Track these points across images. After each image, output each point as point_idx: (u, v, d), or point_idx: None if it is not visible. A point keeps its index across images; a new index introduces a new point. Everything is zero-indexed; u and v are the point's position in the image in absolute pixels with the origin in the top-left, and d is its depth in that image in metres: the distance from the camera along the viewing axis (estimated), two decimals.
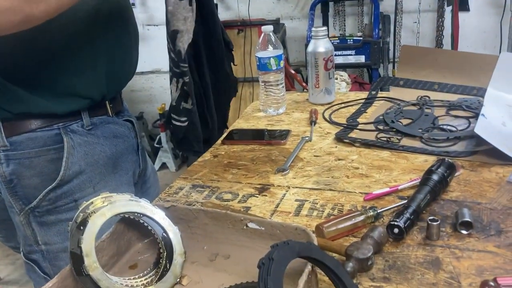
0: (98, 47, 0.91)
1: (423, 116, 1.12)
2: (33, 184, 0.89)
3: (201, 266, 0.69)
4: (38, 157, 0.88)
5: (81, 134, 0.92)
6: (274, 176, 0.95)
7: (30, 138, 0.88)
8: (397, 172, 0.91)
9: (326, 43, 1.28)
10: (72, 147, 0.90)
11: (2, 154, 0.87)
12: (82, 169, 0.92)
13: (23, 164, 0.88)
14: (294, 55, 3.45)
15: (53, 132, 0.89)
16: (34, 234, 0.94)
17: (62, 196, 0.91)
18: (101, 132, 0.96)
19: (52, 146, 0.89)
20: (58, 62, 0.86)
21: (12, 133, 0.87)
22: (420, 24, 3.08)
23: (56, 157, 0.89)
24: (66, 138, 0.90)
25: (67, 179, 0.91)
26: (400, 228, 0.69)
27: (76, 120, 0.92)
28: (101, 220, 0.63)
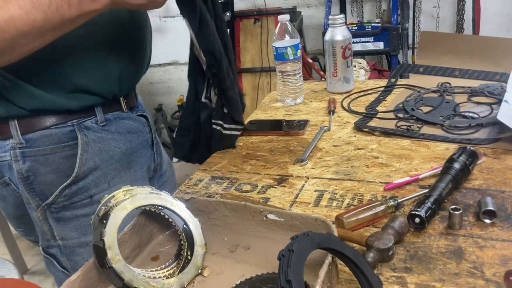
0: (109, 48, 0.91)
1: (444, 103, 1.10)
2: (49, 180, 0.90)
3: (221, 257, 0.70)
4: (53, 154, 0.89)
5: (95, 131, 0.93)
6: (293, 167, 0.95)
7: (45, 135, 0.89)
8: (417, 161, 0.89)
9: (343, 31, 1.26)
10: (86, 143, 0.91)
11: (18, 152, 0.88)
12: (97, 165, 0.93)
13: (39, 161, 0.89)
14: (311, 43, 3.42)
15: (67, 129, 0.90)
16: (51, 229, 0.95)
17: (77, 192, 0.92)
18: (115, 128, 0.97)
19: (66, 143, 0.90)
20: (68, 61, 0.86)
21: (27, 130, 0.88)
22: (440, 8, 3.01)
23: (71, 153, 0.90)
24: (80, 134, 0.90)
25: (82, 176, 0.92)
26: (421, 218, 0.68)
27: (90, 116, 0.93)
28: (122, 213, 0.64)
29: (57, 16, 0.70)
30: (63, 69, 0.86)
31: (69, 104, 0.89)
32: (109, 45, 0.91)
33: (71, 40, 0.82)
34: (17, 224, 1.05)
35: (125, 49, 0.95)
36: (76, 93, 0.89)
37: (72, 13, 0.72)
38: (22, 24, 0.68)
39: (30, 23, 0.69)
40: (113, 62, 0.92)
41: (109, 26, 0.89)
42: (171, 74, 3.84)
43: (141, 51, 1.01)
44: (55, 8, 0.70)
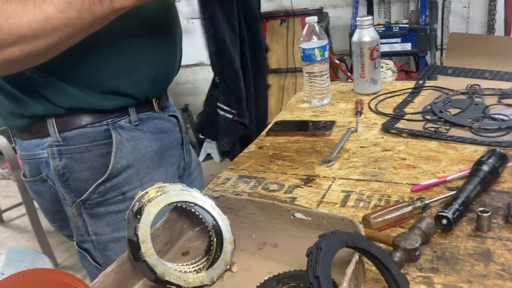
0: (143, 52, 0.94)
1: (473, 105, 1.09)
2: (84, 177, 0.93)
3: (249, 254, 0.71)
4: (88, 152, 0.92)
5: (129, 130, 0.95)
6: (320, 167, 0.96)
7: (81, 133, 0.92)
8: (445, 162, 0.89)
9: (371, 32, 1.26)
10: (120, 142, 0.94)
11: (55, 149, 0.91)
12: (130, 163, 0.95)
13: (75, 158, 0.92)
14: (338, 44, 3.41)
15: (102, 128, 0.93)
16: (85, 225, 0.98)
17: (111, 189, 0.95)
18: (147, 128, 0.99)
19: (101, 141, 0.93)
20: (103, 64, 0.89)
21: (64, 128, 0.91)
22: (470, 8, 2.96)
23: (105, 151, 0.93)
24: (114, 133, 0.93)
25: (115, 173, 0.94)
26: (448, 219, 0.68)
27: (124, 116, 0.95)
28: (155, 209, 0.66)
29: (89, 14, 0.73)
30: (98, 71, 0.89)
31: (104, 104, 0.92)
32: (143, 49, 0.93)
33: (106, 44, 0.85)
34: (52, 219, 1.08)
35: (158, 53, 0.97)
36: (111, 94, 0.92)
37: (104, 11, 0.74)
38: (57, 23, 0.71)
39: (64, 22, 0.72)
40: (147, 66, 0.95)
41: (143, 31, 0.91)
42: (197, 75, 3.89)
43: (173, 54, 1.03)
44: (88, 6, 0.72)
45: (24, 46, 0.72)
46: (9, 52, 0.72)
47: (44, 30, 0.71)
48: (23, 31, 0.70)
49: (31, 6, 0.70)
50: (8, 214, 3.13)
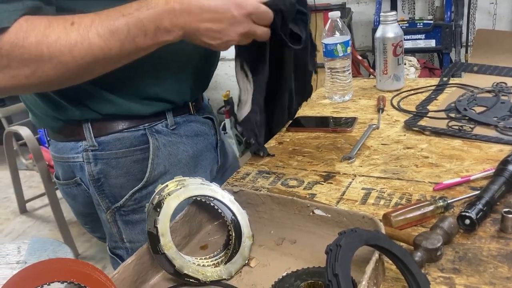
0: (184, 62, 0.93)
1: (498, 104, 1.07)
2: (120, 183, 0.91)
3: (268, 249, 0.71)
4: (125, 158, 0.90)
5: (166, 134, 0.94)
6: (340, 164, 0.95)
7: (118, 138, 0.90)
8: (469, 162, 0.87)
9: (395, 28, 1.24)
10: (157, 147, 0.92)
11: (91, 154, 0.90)
12: (167, 169, 0.94)
13: (110, 164, 0.90)
14: (360, 40, 3.37)
15: (139, 133, 0.91)
16: (120, 232, 0.96)
17: (147, 196, 0.92)
18: (184, 131, 0.97)
19: (138, 147, 0.91)
20: (144, 72, 0.87)
21: (100, 133, 0.89)
22: (497, 5, 2.89)
23: (141, 157, 0.91)
24: (151, 139, 0.91)
25: (152, 180, 0.92)
26: (471, 220, 0.67)
27: (160, 120, 0.94)
28: (175, 203, 0.66)
29: (132, 45, 0.72)
30: (139, 78, 0.88)
31: (142, 110, 0.90)
32: (185, 60, 0.92)
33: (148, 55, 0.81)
34: (84, 221, 1.07)
35: (199, 62, 0.96)
36: (150, 100, 0.91)
37: (147, 43, 0.73)
38: (99, 52, 0.71)
39: (106, 52, 0.71)
40: (186, 72, 0.94)
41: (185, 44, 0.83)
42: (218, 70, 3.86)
43: (212, 61, 1.03)
44: (132, 38, 0.71)
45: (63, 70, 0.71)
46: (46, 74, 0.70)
47: (85, 57, 0.70)
48: (64, 58, 0.69)
49: (75, 33, 0.69)
50: (32, 204, 3.19)
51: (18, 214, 3.15)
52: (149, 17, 0.71)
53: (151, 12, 0.71)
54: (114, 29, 0.70)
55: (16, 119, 2.94)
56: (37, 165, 2.47)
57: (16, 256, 1.28)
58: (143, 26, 0.71)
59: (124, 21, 0.70)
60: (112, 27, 0.70)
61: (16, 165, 2.89)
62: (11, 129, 2.64)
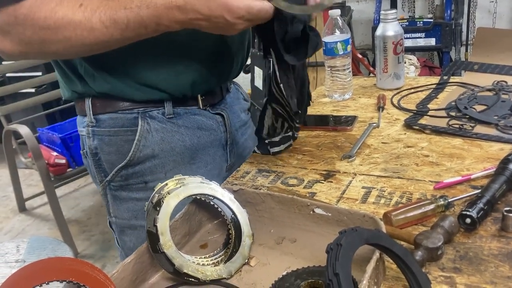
0: (182, 55, 0.92)
1: (499, 102, 1.07)
2: (111, 159, 0.96)
3: (268, 248, 0.71)
4: (116, 136, 0.94)
5: (160, 121, 0.95)
6: (340, 163, 0.94)
7: (112, 118, 0.94)
8: (469, 160, 0.87)
9: (395, 27, 1.24)
10: (147, 131, 0.94)
11: (90, 129, 0.95)
12: (155, 153, 0.95)
13: (104, 140, 0.95)
14: (360, 38, 3.37)
15: (132, 116, 0.94)
16: (108, 205, 1.02)
17: (133, 175, 0.96)
18: (183, 122, 0.97)
19: (129, 128, 0.94)
20: (139, 58, 0.89)
21: (98, 111, 0.94)
22: (497, 3, 2.89)
23: (131, 138, 0.94)
24: (141, 122, 0.94)
25: (137, 160, 0.95)
26: (472, 218, 0.67)
27: (157, 107, 0.95)
28: (174, 201, 0.66)
29: (133, 34, 0.77)
30: (134, 65, 0.90)
31: (135, 95, 0.92)
32: (182, 52, 0.92)
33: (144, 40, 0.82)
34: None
35: (202, 59, 0.95)
36: (144, 87, 0.92)
37: (149, 34, 0.78)
38: (101, 35, 0.76)
39: (108, 36, 0.76)
40: (186, 68, 0.93)
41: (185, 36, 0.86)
42: None
43: (224, 63, 1.00)
44: (132, 29, 0.76)
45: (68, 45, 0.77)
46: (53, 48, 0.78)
47: (88, 37, 0.76)
48: (68, 34, 0.75)
49: (80, 14, 0.74)
50: (31, 202, 3.19)
51: (17, 213, 3.15)
52: (148, 15, 0.74)
53: (151, 11, 0.74)
54: (116, 18, 0.74)
55: (15, 117, 2.94)
56: (36, 164, 2.46)
57: (15, 254, 1.28)
58: (143, 22, 0.75)
59: (125, 14, 0.74)
60: (114, 16, 0.74)
61: (15, 163, 2.88)
62: (10, 127, 2.63)
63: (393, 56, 1.25)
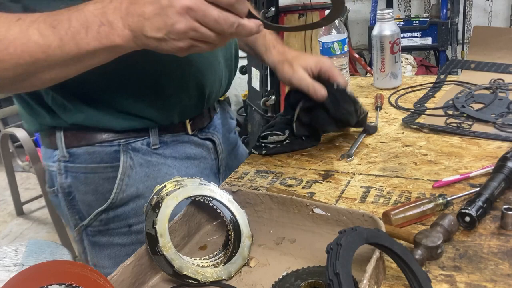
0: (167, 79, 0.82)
1: (496, 101, 1.07)
2: (88, 200, 0.85)
3: (267, 249, 0.71)
4: (94, 174, 0.84)
5: (145, 153, 0.85)
6: (339, 163, 0.94)
7: (88, 152, 0.83)
8: (468, 159, 0.87)
9: (392, 26, 1.24)
10: (130, 167, 0.84)
11: (62, 165, 0.84)
12: (140, 192, 0.85)
13: (79, 178, 0.84)
14: (356, 38, 3.37)
15: (112, 149, 0.83)
16: (85, 253, 0.90)
17: (115, 218, 0.86)
18: (171, 152, 0.88)
19: (109, 164, 0.83)
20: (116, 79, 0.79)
21: (71, 144, 0.83)
22: (492, 2, 2.90)
23: (112, 175, 0.84)
24: (124, 157, 0.83)
25: (120, 202, 0.85)
26: (471, 217, 0.67)
27: (142, 137, 0.85)
28: (173, 203, 0.66)
29: (73, 44, 0.62)
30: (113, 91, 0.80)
31: (116, 125, 0.82)
32: (168, 73, 0.82)
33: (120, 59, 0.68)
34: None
35: (190, 80, 0.85)
36: (126, 115, 0.82)
37: (90, 42, 0.62)
38: (37, 49, 0.63)
39: (45, 49, 0.63)
40: (172, 92, 0.84)
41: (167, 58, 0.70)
42: None
43: (212, 83, 0.90)
44: (72, 35, 0.62)
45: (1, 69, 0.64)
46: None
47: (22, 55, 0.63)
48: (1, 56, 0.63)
49: (16, 29, 0.63)
50: (28, 206, 3.18)
51: (15, 217, 3.13)
52: (93, 11, 0.62)
53: (97, 6, 0.62)
54: (56, 24, 0.62)
55: (12, 121, 2.93)
56: (34, 167, 2.45)
57: (13, 258, 1.27)
58: (86, 22, 0.62)
59: (67, 16, 0.63)
60: (54, 22, 0.63)
61: (12, 167, 2.87)
62: (7, 131, 2.62)
63: (390, 56, 1.25)
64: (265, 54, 1.01)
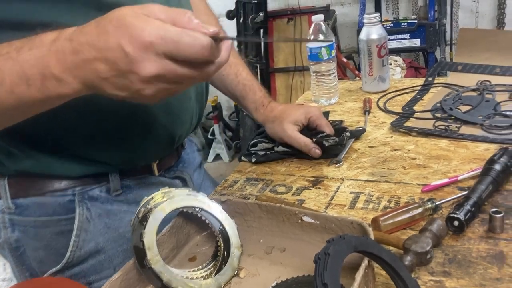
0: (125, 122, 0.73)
1: (483, 102, 1.07)
2: (40, 257, 0.75)
3: (257, 259, 0.70)
4: (45, 228, 0.74)
5: (104, 202, 0.76)
6: (328, 168, 0.94)
7: (38, 203, 0.73)
8: (456, 162, 0.87)
9: (379, 30, 1.24)
10: (87, 219, 0.74)
11: (7, 217, 0.74)
12: (100, 247, 0.76)
13: (28, 233, 0.74)
14: (345, 41, 3.39)
15: (66, 199, 0.73)
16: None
17: (72, 278, 0.77)
18: (134, 197, 0.78)
19: (63, 216, 0.74)
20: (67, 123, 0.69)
21: (18, 194, 0.73)
22: (479, 3, 2.92)
23: (67, 229, 0.74)
24: (79, 208, 0.74)
25: (77, 261, 0.75)
26: (460, 221, 0.67)
27: (100, 183, 0.75)
28: (161, 215, 0.65)
29: (12, 97, 0.53)
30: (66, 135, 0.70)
31: (70, 171, 0.73)
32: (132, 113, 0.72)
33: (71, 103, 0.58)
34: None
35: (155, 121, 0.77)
36: (80, 159, 0.72)
37: (33, 95, 0.53)
38: None
39: None
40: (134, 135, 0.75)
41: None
42: None
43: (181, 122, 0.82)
44: (10, 88, 0.52)
45: None
46: None
47: None
48: None
49: None
50: None
51: None
52: (30, 60, 0.51)
53: (35, 53, 0.51)
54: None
55: None
56: None
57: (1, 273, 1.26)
58: (23, 74, 0.51)
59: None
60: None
61: None
62: None
63: (377, 59, 1.25)
64: (255, 112, 1.03)
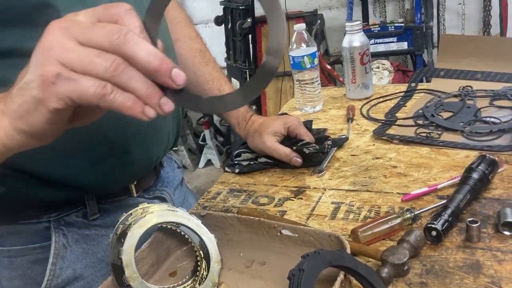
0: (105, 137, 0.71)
1: (464, 108, 1.08)
2: (15, 287, 0.73)
3: (237, 273, 0.70)
4: (20, 257, 0.71)
5: (81, 227, 0.73)
6: (310, 178, 0.95)
7: (11, 232, 0.70)
8: (436, 169, 0.88)
9: (361, 37, 1.25)
10: (63, 246, 0.72)
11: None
12: (78, 274, 0.74)
13: (2, 263, 0.72)
14: (334, 45, 3.40)
15: (41, 226, 0.71)
16: None
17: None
18: (112, 220, 0.75)
19: (38, 244, 0.71)
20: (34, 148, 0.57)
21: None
22: (465, 5, 2.95)
23: (43, 257, 0.72)
24: (55, 236, 0.71)
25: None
26: (437, 231, 0.67)
27: (76, 208, 0.73)
28: (140, 231, 0.65)
29: None
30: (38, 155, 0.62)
31: (44, 196, 0.70)
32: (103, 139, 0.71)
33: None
34: None
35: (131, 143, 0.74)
36: (55, 184, 0.69)
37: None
38: None
39: None
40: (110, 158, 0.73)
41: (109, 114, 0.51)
42: None
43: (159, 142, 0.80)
44: None
45: None
46: None
47: None
48: None
49: None
50: None
51: None
52: None
53: None
54: None
55: None
56: None
57: None
58: None
59: None
60: None
61: None
62: None
63: (360, 67, 1.26)
64: (237, 127, 1.06)
